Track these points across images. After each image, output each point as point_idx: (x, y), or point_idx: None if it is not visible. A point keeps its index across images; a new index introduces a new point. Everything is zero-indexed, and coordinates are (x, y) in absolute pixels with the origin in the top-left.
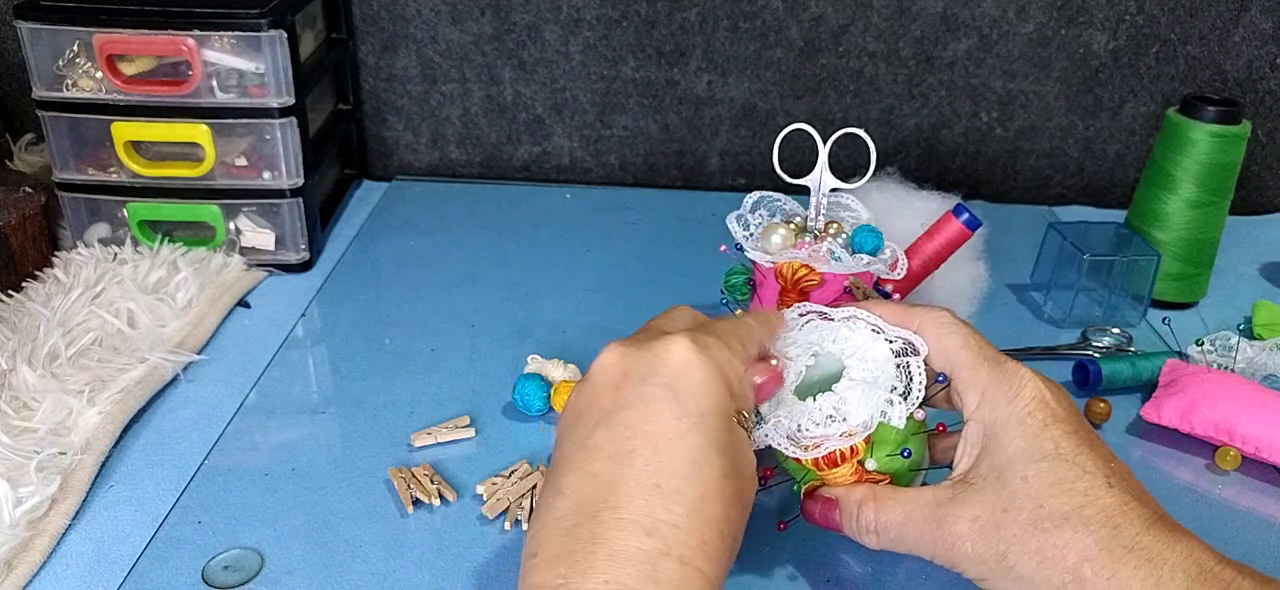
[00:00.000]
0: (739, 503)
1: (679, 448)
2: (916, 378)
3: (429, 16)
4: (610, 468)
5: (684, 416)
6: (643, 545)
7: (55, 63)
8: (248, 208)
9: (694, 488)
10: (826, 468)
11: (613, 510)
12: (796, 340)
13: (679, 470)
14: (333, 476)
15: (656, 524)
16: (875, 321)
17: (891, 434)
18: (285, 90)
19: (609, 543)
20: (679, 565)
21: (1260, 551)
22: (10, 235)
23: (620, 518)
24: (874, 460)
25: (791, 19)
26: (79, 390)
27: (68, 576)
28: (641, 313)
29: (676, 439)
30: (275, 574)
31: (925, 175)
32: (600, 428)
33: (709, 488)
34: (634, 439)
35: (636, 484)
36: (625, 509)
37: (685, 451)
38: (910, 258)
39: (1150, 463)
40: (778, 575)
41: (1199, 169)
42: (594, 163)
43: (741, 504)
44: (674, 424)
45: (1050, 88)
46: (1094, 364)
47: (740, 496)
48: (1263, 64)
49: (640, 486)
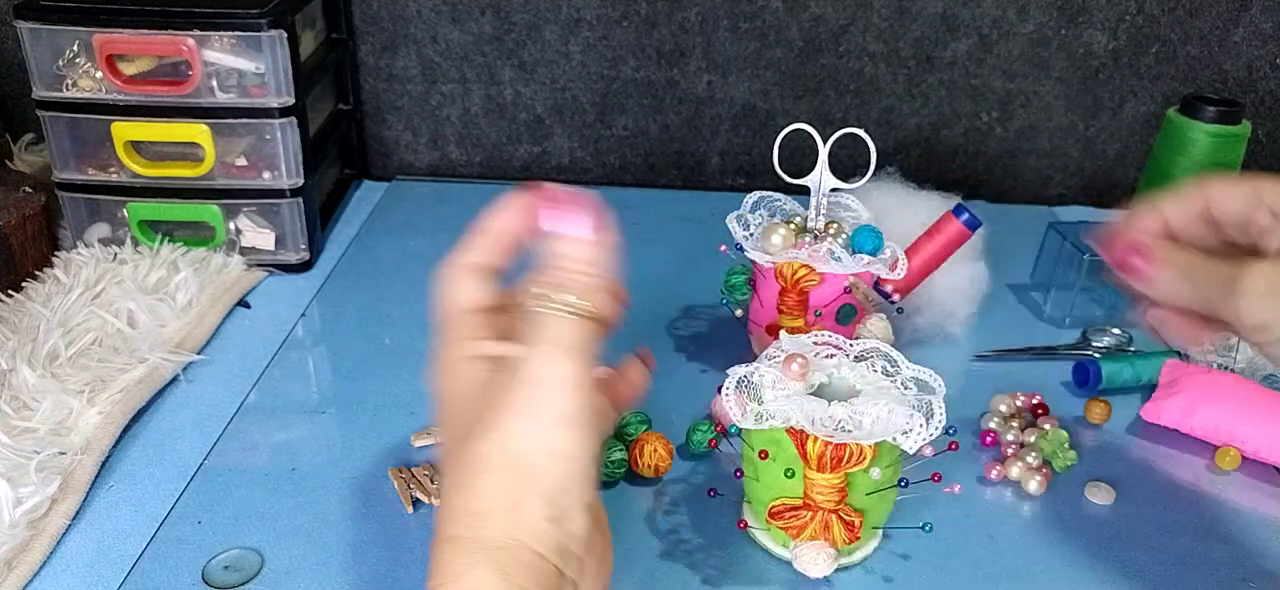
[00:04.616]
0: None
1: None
2: (937, 413)
3: (429, 16)
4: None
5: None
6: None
7: (55, 63)
8: (248, 208)
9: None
10: (828, 466)
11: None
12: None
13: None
14: (333, 476)
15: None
16: (890, 356)
17: (892, 456)
18: (285, 90)
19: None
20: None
21: (1260, 551)
22: (10, 235)
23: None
24: (877, 470)
25: (791, 19)
26: (79, 390)
27: (68, 576)
28: (641, 312)
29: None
30: (275, 574)
31: (925, 175)
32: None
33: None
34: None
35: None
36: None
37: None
38: (910, 258)
39: (1150, 463)
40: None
41: (1199, 169)
42: (594, 163)
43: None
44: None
45: (1050, 88)
46: (1094, 364)
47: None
48: (1263, 64)
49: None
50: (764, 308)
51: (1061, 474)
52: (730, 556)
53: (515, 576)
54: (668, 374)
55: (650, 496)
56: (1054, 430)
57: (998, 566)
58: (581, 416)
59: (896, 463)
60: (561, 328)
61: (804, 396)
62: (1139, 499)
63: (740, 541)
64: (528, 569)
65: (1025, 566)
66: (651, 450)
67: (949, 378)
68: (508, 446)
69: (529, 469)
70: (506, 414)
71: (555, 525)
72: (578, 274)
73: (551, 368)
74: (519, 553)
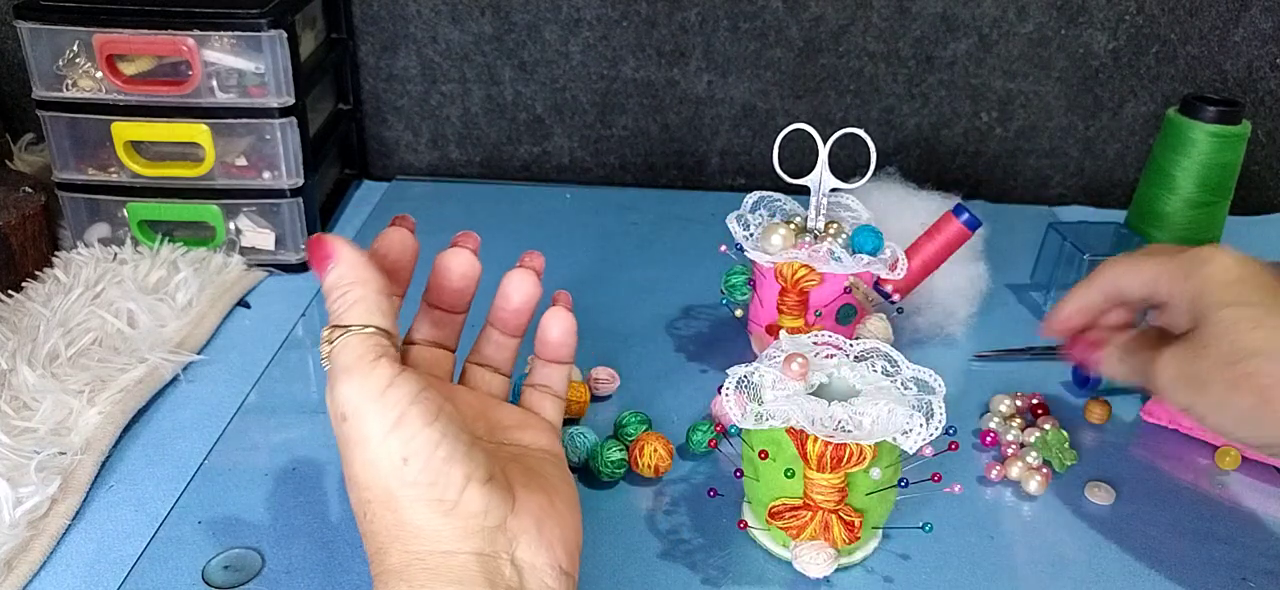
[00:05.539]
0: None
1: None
2: (937, 413)
3: (429, 16)
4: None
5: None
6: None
7: (55, 63)
8: (248, 208)
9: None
10: (827, 466)
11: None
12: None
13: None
14: (333, 476)
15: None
16: (890, 356)
17: (892, 456)
18: (285, 90)
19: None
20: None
21: (1260, 551)
22: (10, 235)
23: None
24: (877, 470)
25: (791, 19)
26: (79, 390)
27: (68, 576)
28: (641, 313)
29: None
30: (275, 574)
31: (925, 175)
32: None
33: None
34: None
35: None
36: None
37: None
38: (910, 258)
39: (1150, 463)
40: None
41: (1199, 169)
42: (594, 163)
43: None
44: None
45: (1050, 88)
46: None
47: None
48: (1263, 64)
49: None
50: (764, 308)
51: (1061, 474)
52: (730, 556)
53: (428, 585)
54: (668, 374)
55: (650, 496)
56: (1054, 430)
57: (998, 566)
58: (397, 413)
59: (896, 463)
60: (339, 356)
61: (804, 396)
62: (1139, 499)
63: (740, 541)
64: (437, 572)
65: (1025, 566)
66: (651, 450)
67: (949, 378)
68: (368, 480)
69: (393, 486)
70: (353, 453)
71: (450, 517)
72: (335, 302)
73: (354, 391)
74: (425, 560)
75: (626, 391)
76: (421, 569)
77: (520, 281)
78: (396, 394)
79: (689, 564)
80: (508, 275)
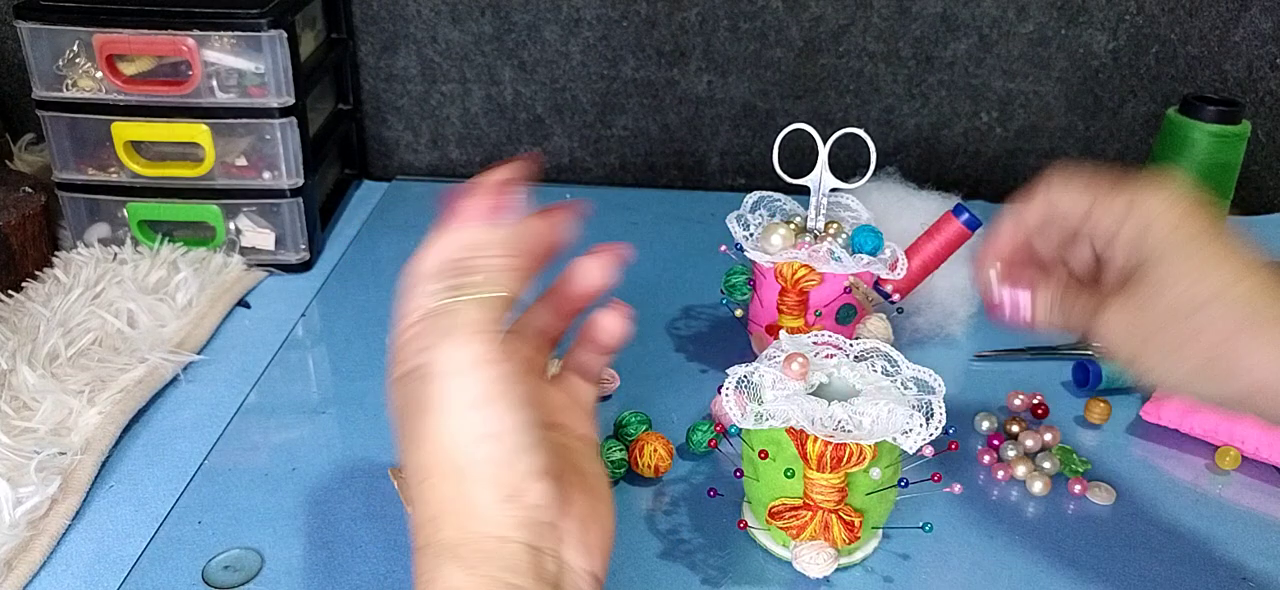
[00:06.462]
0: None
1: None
2: (937, 413)
3: (429, 16)
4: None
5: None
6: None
7: (55, 63)
8: (248, 208)
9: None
10: (827, 466)
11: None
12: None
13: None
14: (333, 476)
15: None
16: (890, 356)
17: (892, 456)
18: (285, 90)
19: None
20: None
21: (1260, 551)
22: (10, 235)
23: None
24: (877, 470)
25: (791, 19)
26: (79, 390)
27: (68, 576)
28: (641, 313)
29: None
30: (275, 574)
31: (925, 175)
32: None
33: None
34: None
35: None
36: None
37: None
38: (910, 258)
39: (1150, 463)
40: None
41: (1199, 169)
42: (594, 163)
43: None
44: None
45: (1050, 88)
46: (1094, 364)
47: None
48: (1263, 64)
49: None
50: (764, 308)
51: (1062, 475)
52: (730, 556)
53: (480, 567)
54: (668, 374)
55: (650, 496)
56: (1059, 446)
57: (998, 566)
58: (497, 390)
59: (896, 463)
60: (455, 315)
61: (804, 396)
62: (1139, 499)
63: (740, 541)
64: (491, 557)
65: (1025, 566)
66: (651, 450)
67: (949, 378)
68: (437, 447)
69: (462, 461)
70: (428, 416)
71: (511, 503)
72: (472, 259)
73: (455, 355)
74: (480, 543)
75: (626, 391)
76: (474, 551)
77: (595, 266)
78: (497, 372)
79: (689, 564)
80: (580, 259)
